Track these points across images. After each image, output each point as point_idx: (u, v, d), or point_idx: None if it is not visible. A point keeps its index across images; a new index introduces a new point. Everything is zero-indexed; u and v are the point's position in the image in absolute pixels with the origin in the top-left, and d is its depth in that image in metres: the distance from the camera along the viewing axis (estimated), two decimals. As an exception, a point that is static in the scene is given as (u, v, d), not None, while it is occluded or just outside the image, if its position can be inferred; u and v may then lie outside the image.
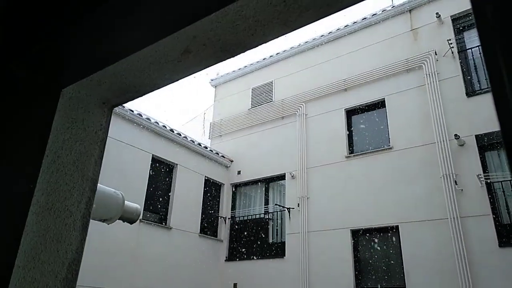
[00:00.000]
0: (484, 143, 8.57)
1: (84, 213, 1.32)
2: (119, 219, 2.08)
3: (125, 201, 2.12)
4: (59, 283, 1.13)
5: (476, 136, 8.62)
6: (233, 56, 1.27)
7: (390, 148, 9.86)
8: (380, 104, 10.58)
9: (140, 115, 10.17)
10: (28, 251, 1.11)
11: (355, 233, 9.75)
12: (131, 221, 2.21)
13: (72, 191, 1.32)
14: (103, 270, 8.41)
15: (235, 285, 11.07)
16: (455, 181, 8.54)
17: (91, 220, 1.46)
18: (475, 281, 7.72)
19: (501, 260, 7.55)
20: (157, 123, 10.64)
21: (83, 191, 1.35)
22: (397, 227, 9.09)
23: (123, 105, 9.76)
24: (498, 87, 0.56)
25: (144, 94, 1.53)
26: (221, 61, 1.30)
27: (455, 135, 8.74)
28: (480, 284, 7.67)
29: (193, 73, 1.37)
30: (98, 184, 1.66)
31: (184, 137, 11.41)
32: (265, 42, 1.22)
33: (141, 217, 9.58)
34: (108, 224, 2.11)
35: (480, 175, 8.24)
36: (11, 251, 1.11)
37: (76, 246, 1.24)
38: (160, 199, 10.56)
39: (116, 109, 9.46)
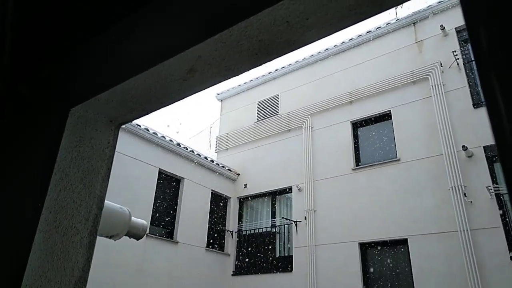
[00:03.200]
0: (493, 154, 8.48)
1: (91, 231, 1.33)
2: (125, 235, 2.09)
3: (132, 217, 2.14)
4: (65, 301, 1.14)
5: (485, 147, 8.54)
6: (238, 75, 1.29)
7: (397, 160, 9.80)
8: (386, 116, 10.56)
9: (147, 129, 10.25)
10: (35, 269, 1.12)
11: (363, 246, 9.63)
12: (138, 237, 2.22)
13: (79, 209, 1.33)
14: (109, 285, 8.37)
15: (242, 300, 10.96)
16: (464, 193, 8.44)
17: (98, 238, 1.47)
18: (487, 295, 7.56)
19: (513, 274, 7.40)
20: (164, 137, 10.71)
21: (90, 209, 1.36)
22: (405, 240, 8.97)
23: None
24: (493, 105, 0.57)
25: (150, 112, 1.56)
26: (226, 79, 1.32)
27: (463, 146, 8.68)
28: (492, 299, 7.51)
29: (199, 91, 1.40)
30: (105, 201, 1.67)
31: (190, 151, 11.45)
32: (269, 61, 1.24)
33: (147, 231, 9.56)
34: (114, 241, 2.12)
35: (490, 186, 8.14)
36: (19, 269, 1.12)
37: (82, 264, 1.25)
38: (167, 213, 10.55)
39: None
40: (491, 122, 0.58)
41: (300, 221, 10.83)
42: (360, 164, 10.56)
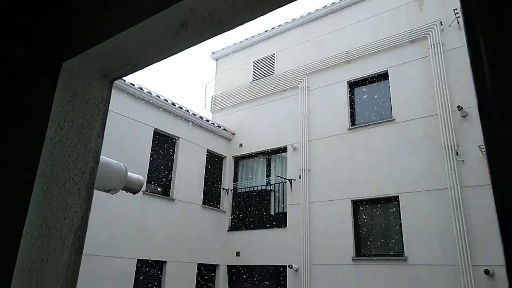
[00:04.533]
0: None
1: (88, 183, 1.37)
2: (122, 189, 2.14)
3: (128, 172, 2.18)
4: (66, 248, 1.20)
5: (479, 108, 8.58)
6: (231, 29, 1.28)
7: (393, 120, 9.86)
8: (383, 76, 10.49)
9: (141, 89, 10.14)
10: (36, 219, 1.17)
11: (356, 204, 9.91)
12: (135, 192, 2.28)
13: (75, 162, 1.36)
14: (109, 240, 8.65)
15: (237, 253, 11.37)
16: (457, 152, 8.59)
17: (96, 194, 1.52)
18: (473, 248, 7.90)
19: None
20: (158, 96, 10.62)
21: (87, 162, 1.39)
22: (397, 197, 9.22)
23: (124, 79, 9.69)
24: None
25: (143, 67, 1.55)
26: (220, 33, 1.30)
27: (458, 106, 8.71)
28: (478, 252, 7.85)
29: (192, 46, 1.38)
30: (101, 156, 1.70)
31: (185, 110, 11.41)
32: (263, 14, 1.22)
33: (144, 189, 9.74)
34: (112, 194, 2.18)
35: (482, 146, 8.26)
36: (20, 220, 1.17)
37: (81, 213, 1.30)
38: (163, 172, 10.69)
39: (117, 82, 9.42)
40: (476, 88, 0.59)
41: (295, 180, 11.03)
42: (355, 124, 10.62)
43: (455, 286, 7.89)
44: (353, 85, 11.07)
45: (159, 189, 10.52)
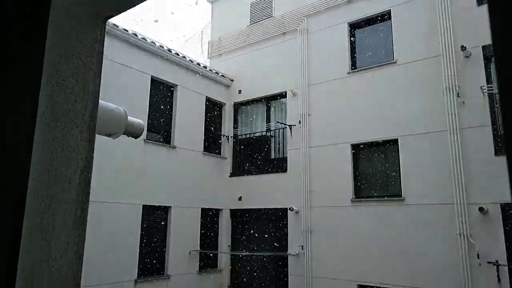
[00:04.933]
0: (491, 53, 8.37)
1: (89, 125, 1.37)
2: (123, 134, 2.15)
3: (128, 117, 2.17)
4: (73, 187, 1.22)
5: (483, 47, 8.39)
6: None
7: (394, 62, 9.67)
8: (385, 16, 10.12)
9: (136, 35, 9.83)
10: (41, 161, 1.17)
11: (355, 147, 10.02)
12: (136, 136, 2.28)
13: (75, 104, 1.34)
14: (114, 187, 8.86)
15: (240, 197, 11.71)
16: (458, 94, 8.52)
17: (99, 144, 1.51)
18: (469, 187, 8.11)
19: (496, 168, 7.85)
20: (154, 43, 10.33)
21: (86, 104, 1.38)
22: (396, 140, 9.30)
23: (118, 25, 9.34)
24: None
25: (136, 4, 1.48)
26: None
27: (462, 46, 8.50)
28: (473, 191, 8.07)
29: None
30: (101, 101, 1.68)
31: (182, 57, 11.15)
32: None
33: (145, 137, 9.80)
34: (114, 139, 2.19)
35: (483, 86, 8.19)
36: (25, 163, 1.17)
37: (85, 155, 1.30)
38: (163, 119, 10.69)
39: (110, 29, 9.11)
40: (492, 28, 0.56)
41: (295, 125, 11.06)
42: (356, 67, 10.43)
43: (450, 224, 8.20)
44: (354, 27, 10.72)
45: (159, 137, 10.58)
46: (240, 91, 12.56)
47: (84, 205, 1.26)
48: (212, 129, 12.24)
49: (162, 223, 10.24)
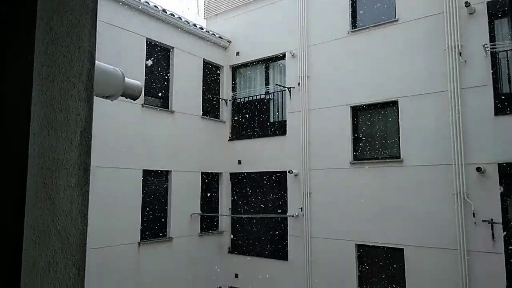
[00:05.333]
0: (495, 10, 8.15)
1: (87, 85, 1.33)
2: (121, 96, 2.11)
3: (126, 78, 2.12)
4: (74, 148, 1.20)
5: (488, 3, 8.16)
6: None
7: (396, 21, 9.42)
8: (387, -28, 9.76)
9: (129, -6, 9.50)
10: (40, 120, 1.15)
11: (355, 110, 9.97)
12: (134, 97, 2.25)
13: (71, 63, 1.30)
14: (114, 153, 8.88)
15: (239, 161, 11.80)
16: (460, 53, 8.37)
17: (97, 109, 1.48)
18: (467, 148, 8.16)
19: (495, 128, 7.86)
20: (147, 3, 10.00)
21: (82, 63, 1.34)
22: (396, 101, 9.24)
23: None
24: None
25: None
26: None
27: (466, 2, 8.25)
28: (472, 151, 8.12)
29: None
30: (97, 62, 1.63)
31: (178, 17, 10.84)
32: None
33: (142, 101, 9.71)
34: (111, 101, 2.15)
35: (486, 44, 8.03)
36: (24, 123, 1.15)
37: (84, 116, 1.28)
38: (160, 83, 10.55)
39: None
40: None
41: (294, 88, 10.95)
42: (356, 27, 10.17)
43: (448, 184, 8.31)
44: (354, -16, 10.35)
45: (157, 102, 10.49)
46: (238, 53, 12.32)
47: (86, 166, 1.25)
48: (210, 92, 12.12)
49: (163, 187, 10.37)
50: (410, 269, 8.64)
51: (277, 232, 11.08)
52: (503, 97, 8.02)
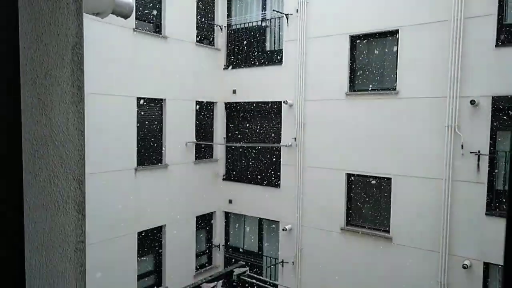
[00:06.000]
0: None
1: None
2: (112, 13, 2.01)
3: (116, -5, 2.01)
4: (67, 64, 1.18)
5: None
6: None
7: None
8: None
9: None
10: (29, 33, 1.11)
11: (354, 39, 9.69)
12: (125, 16, 2.15)
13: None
14: (104, 79, 8.72)
15: (234, 91, 11.70)
16: (466, -20, 7.96)
17: (86, 26, 1.41)
18: (464, 81, 8.11)
19: (494, 60, 7.75)
20: None
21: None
22: (396, 31, 8.97)
23: None
24: None
25: None
26: None
27: None
28: (468, 85, 8.09)
29: None
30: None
31: None
32: None
33: (134, 26, 9.33)
34: (102, 18, 2.05)
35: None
36: (12, 32, 1.11)
37: (75, 30, 1.23)
38: (152, 8, 10.04)
39: None
40: None
41: (292, 14, 10.50)
42: None
43: (440, 116, 8.40)
44: None
45: (150, 27, 10.07)
46: (233, -25, 11.60)
47: (80, 83, 1.23)
48: (205, 18, 11.61)
49: (158, 115, 10.37)
50: (395, 197, 9.06)
51: (270, 161, 11.37)
52: (506, 27, 7.80)
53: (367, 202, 9.73)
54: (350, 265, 9.60)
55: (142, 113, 9.91)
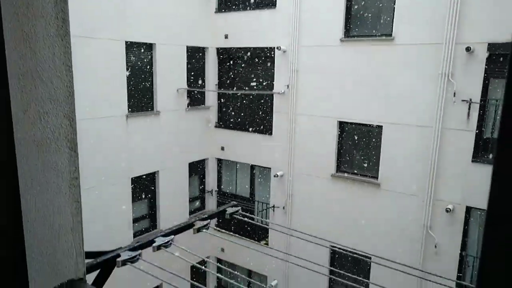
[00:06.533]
0: None
1: None
2: None
3: None
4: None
5: None
6: None
7: None
8: None
9: None
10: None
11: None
12: None
13: None
14: (90, 22, 8.36)
15: (226, 35, 11.36)
16: None
17: None
18: (462, 26, 7.94)
19: (493, 5, 7.55)
20: None
21: None
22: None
23: None
24: None
25: None
26: None
27: None
28: (465, 30, 7.94)
29: None
30: None
31: None
32: None
33: None
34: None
35: None
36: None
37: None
38: None
39: None
40: None
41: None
42: None
43: (435, 64, 8.32)
44: None
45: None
46: None
47: (64, 15, 1.17)
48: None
49: (148, 61, 10.10)
50: (386, 145, 9.20)
51: (263, 109, 11.33)
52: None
53: (358, 149, 9.89)
54: (339, 210, 9.96)
55: (132, 58, 9.64)
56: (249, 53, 11.24)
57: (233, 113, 11.94)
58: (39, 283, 1.12)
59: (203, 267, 6.30)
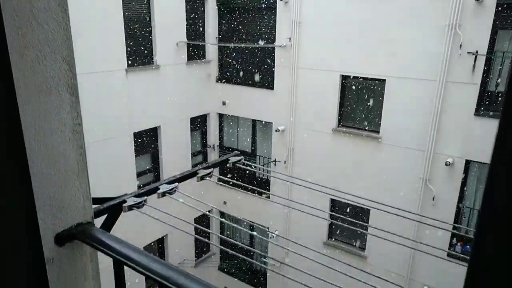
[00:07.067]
0: None
1: None
2: None
3: None
4: None
5: None
6: None
7: None
8: None
9: None
10: None
11: None
12: None
13: None
14: None
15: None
16: None
17: None
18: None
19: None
20: None
21: None
22: None
23: None
24: None
25: None
26: None
27: None
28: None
29: None
30: None
31: None
32: None
33: None
34: None
35: None
36: None
37: None
38: None
39: None
40: None
41: None
42: None
43: (442, 14, 8.04)
44: None
45: None
46: None
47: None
48: None
49: (146, 11, 9.79)
50: (388, 99, 9.12)
51: (264, 62, 11.13)
52: None
53: (360, 104, 9.82)
54: (340, 163, 10.07)
55: (128, 8, 9.33)
56: (250, 4, 10.86)
57: (234, 67, 11.75)
58: (48, 224, 1.16)
59: (208, 213, 6.48)
